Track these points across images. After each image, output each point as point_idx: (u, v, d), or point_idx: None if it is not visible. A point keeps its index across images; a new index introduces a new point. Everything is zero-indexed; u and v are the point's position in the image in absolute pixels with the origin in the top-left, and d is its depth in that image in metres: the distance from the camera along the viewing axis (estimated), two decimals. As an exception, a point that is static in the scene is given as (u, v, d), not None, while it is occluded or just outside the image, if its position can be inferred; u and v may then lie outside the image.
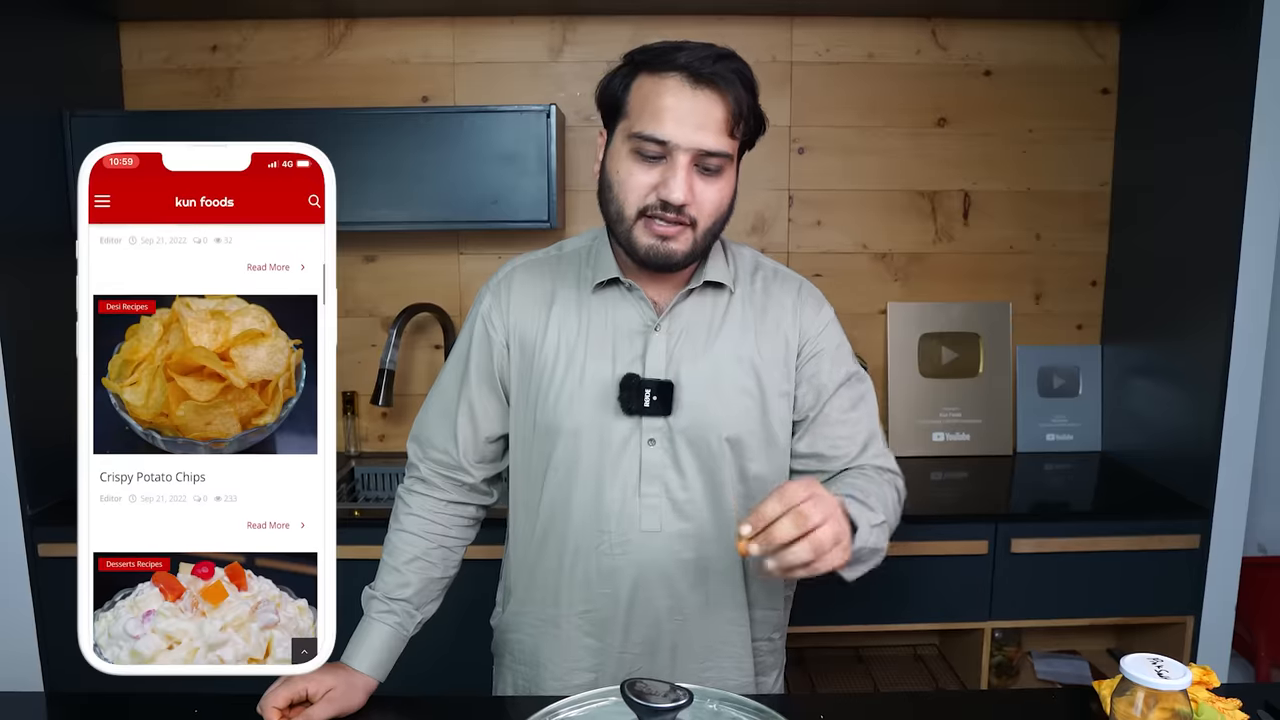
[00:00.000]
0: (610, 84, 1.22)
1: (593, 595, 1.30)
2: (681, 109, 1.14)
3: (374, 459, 2.61)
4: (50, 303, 2.08)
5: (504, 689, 1.41)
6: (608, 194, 1.21)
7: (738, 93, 1.16)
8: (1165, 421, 2.39)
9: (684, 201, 1.15)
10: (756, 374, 1.28)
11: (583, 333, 1.27)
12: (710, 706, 1.02)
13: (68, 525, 2.06)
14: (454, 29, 2.53)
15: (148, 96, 2.52)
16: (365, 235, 2.55)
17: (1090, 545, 2.16)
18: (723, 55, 1.16)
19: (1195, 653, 2.21)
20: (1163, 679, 0.93)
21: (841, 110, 2.59)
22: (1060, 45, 2.58)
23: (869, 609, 2.18)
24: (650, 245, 1.19)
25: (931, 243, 2.67)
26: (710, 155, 1.16)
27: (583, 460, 1.27)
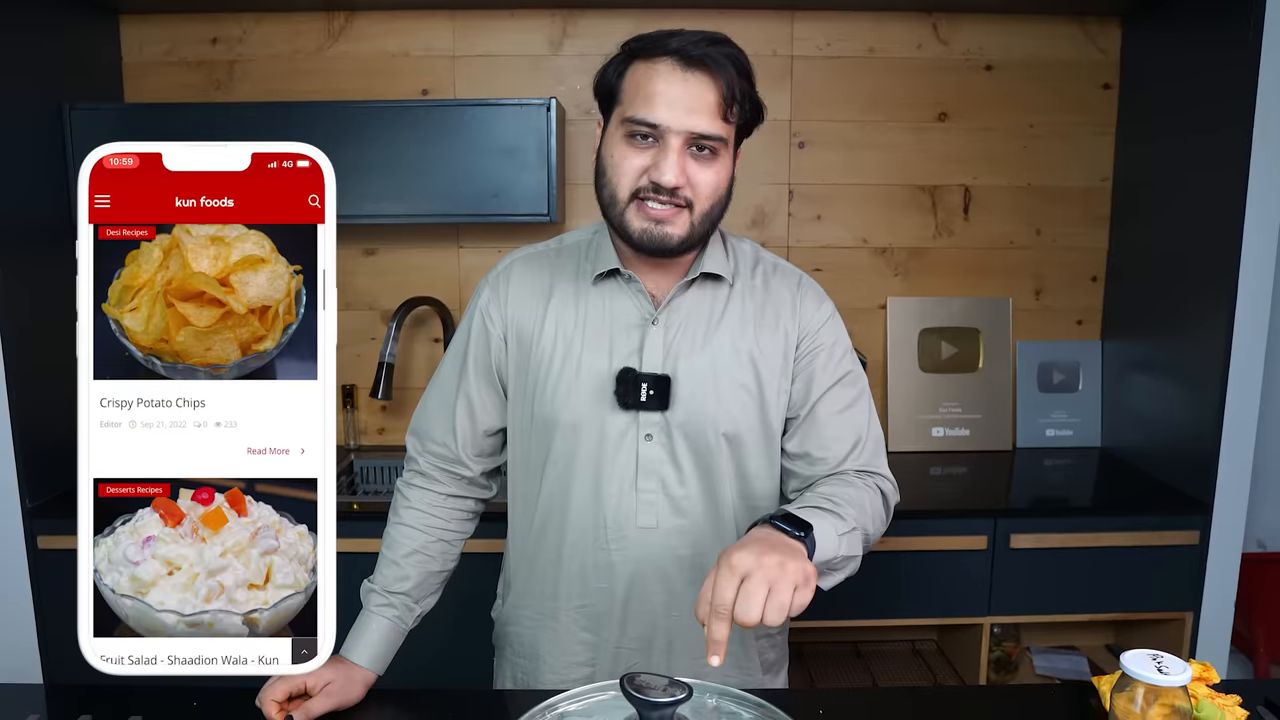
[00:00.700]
0: (605, 72, 1.22)
1: (589, 590, 1.30)
2: (673, 93, 1.14)
3: (373, 452, 2.61)
4: (50, 297, 2.08)
5: (504, 682, 1.42)
6: (602, 179, 1.22)
7: (730, 76, 1.15)
8: (1165, 417, 2.39)
9: (676, 184, 1.15)
10: (755, 369, 1.27)
11: (579, 325, 1.27)
12: (710, 701, 1.02)
13: (67, 518, 2.06)
14: (454, 22, 2.52)
15: (148, 89, 2.52)
16: (365, 228, 2.55)
17: (1090, 541, 2.16)
18: (715, 40, 1.16)
19: (1194, 649, 2.22)
20: (1163, 675, 0.93)
21: (842, 104, 2.59)
22: (1062, 40, 2.58)
23: (868, 604, 2.19)
24: (644, 228, 1.18)
25: (932, 237, 2.66)
26: (703, 138, 1.16)
27: (580, 454, 1.26)
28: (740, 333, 1.27)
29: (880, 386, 2.67)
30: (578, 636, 1.32)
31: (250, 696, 1.14)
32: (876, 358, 2.68)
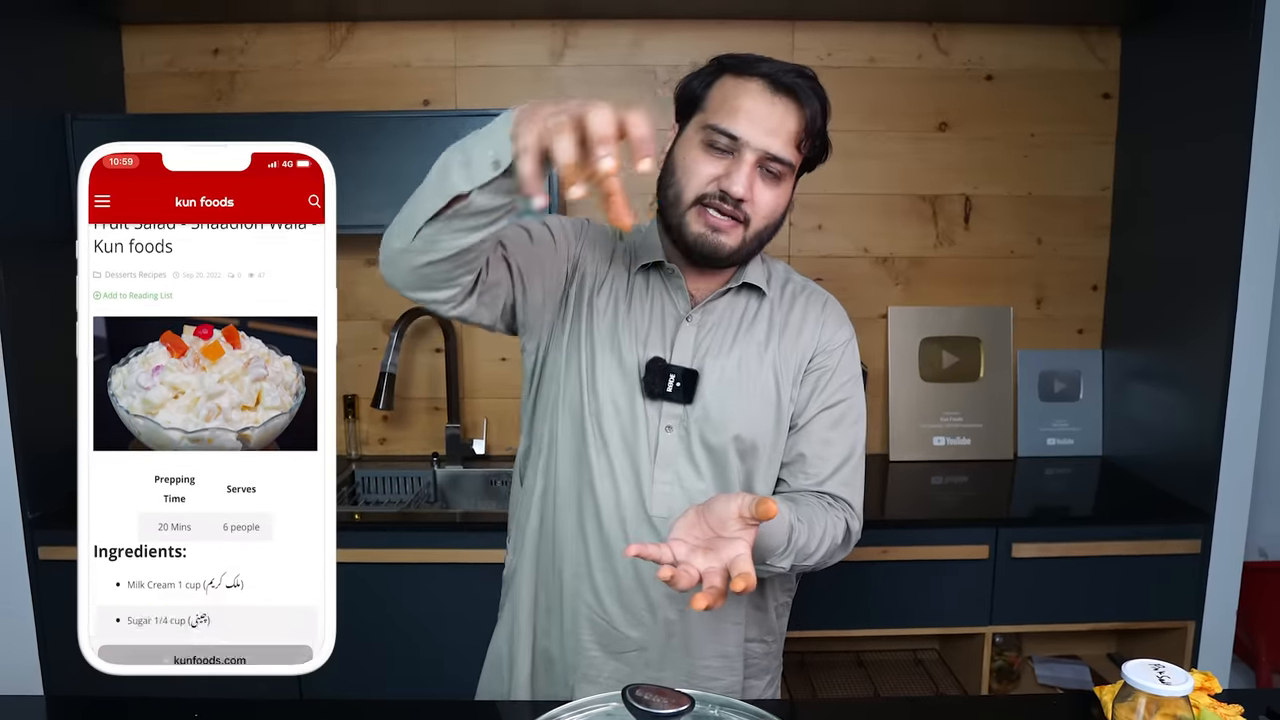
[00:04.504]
0: (691, 82, 1.26)
1: (594, 571, 1.30)
2: (758, 111, 1.19)
3: (375, 462, 2.61)
4: (52, 306, 2.08)
5: (499, 642, 1.42)
6: (669, 179, 1.25)
7: (814, 109, 1.22)
8: (1166, 426, 2.39)
9: (743, 196, 1.19)
10: (776, 380, 1.30)
11: (621, 307, 1.30)
12: (712, 713, 1.01)
13: (68, 529, 2.06)
14: (455, 33, 2.53)
15: (150, 100, 2.53)
16: (367, 238, 2.52)
17: (1091, 550, 2.16)
18: (805, 74, 1.22)
19: (1196, 658, 2.21)
20: (1165, 685, 0.92)
21: (843, 114, 2.56)
22: (1062, 50, 2.59)
23: (870, 614, 2.18)
24: (700, 234, 1.22)
25: (933, 247, 2.67)
26: (774, 160, 1.20)
27: (605, 432, 1.28)
28: (766, 343, 1.31)
29: (881, 396, 2.67)
30: (583, 612, 1.31)
31: (248, 707, 1.13)
32: (878, 367, 2.68)
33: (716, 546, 1.01)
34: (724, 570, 0.99)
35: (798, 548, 1.18)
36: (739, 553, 1.00)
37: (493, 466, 2.57)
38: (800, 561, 1.20)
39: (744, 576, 0.97)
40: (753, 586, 0.98)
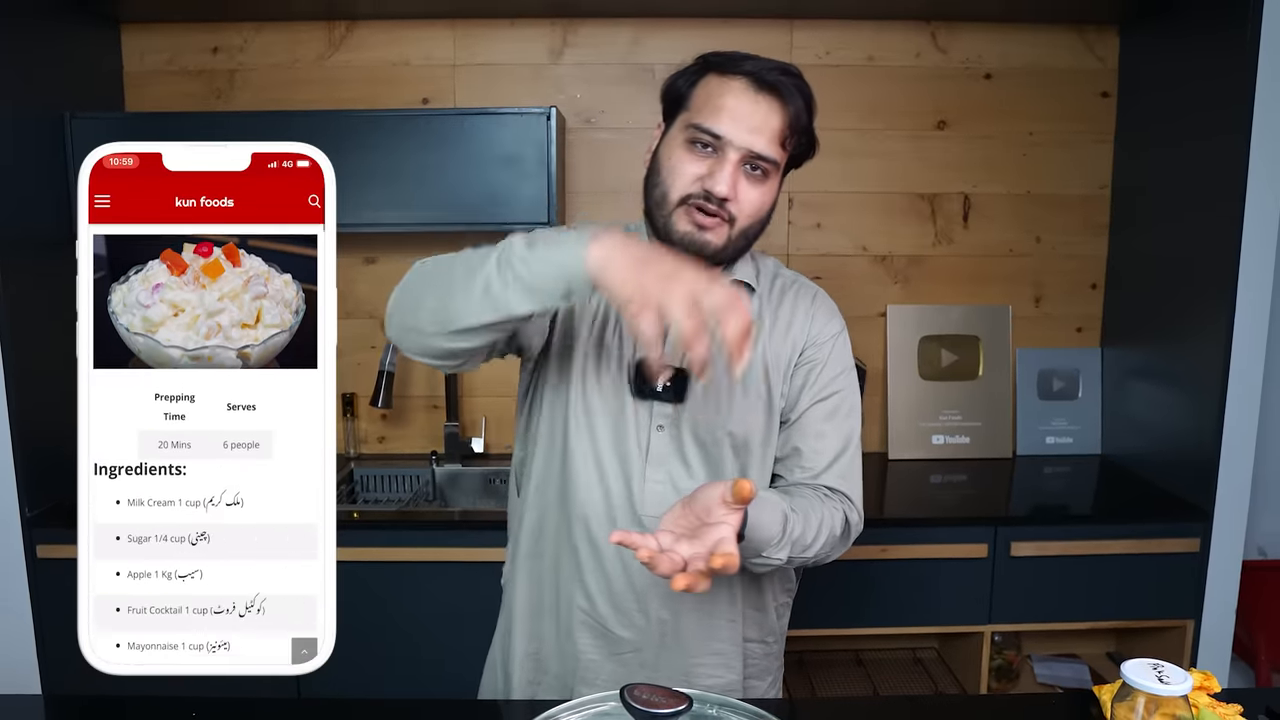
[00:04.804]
0: (676, 80, 1.25)
1: (584, 573, 1.30)
2: (741, 110, 1.18)
3: (373, 461, 2.61)
4: (51, 306, 2.08)
5: (497, 647, 1.41)
6: (654, 179, 1.24)
7: (798, 107, 1.21)
8: (1165, 425, 2.39)
9: (726, 195, 1.18)
10: (767, 376, 1.30)
11: (611, 309, 1.29)
12: (710, 712, 1.01)
13: (67, 528, 2.06)
14: (454, 31, 2.53)
15: (149, 98, 2.52)
16: (366, 237, 2.55)
17: (1090, 549, 2.16)
18: (789, 71, 1.21)
19: (1195, 657, 2.21)
20: (1163, 684, 0.92)
21: (842, 113, 2.59)
22: (1060, 49, 2.59)
23: (869, 613, 2.18)
24: (686, 232, 1.21)
25: (931, 245, 2.67)
26: (759, 159, 1.19)
27: (596, 433, 1.27)
28: (755, 338, 1.29)
29: (880, 394, 2.67)
30: (576, 616, 1.31)
31: (247, 707, 1.13)
32: (876, 365, 2.68)
33: (702, 534, 1.02)
34: (708, 555, 0.99)
35: (793, 538, 1.17)
36: (722, 535, 1.00)
37: (491, 465, 2.57)
38: (799, 553, 1.19)
39: (724, 556, 0.97)
40: (734, 566, 0.98)
